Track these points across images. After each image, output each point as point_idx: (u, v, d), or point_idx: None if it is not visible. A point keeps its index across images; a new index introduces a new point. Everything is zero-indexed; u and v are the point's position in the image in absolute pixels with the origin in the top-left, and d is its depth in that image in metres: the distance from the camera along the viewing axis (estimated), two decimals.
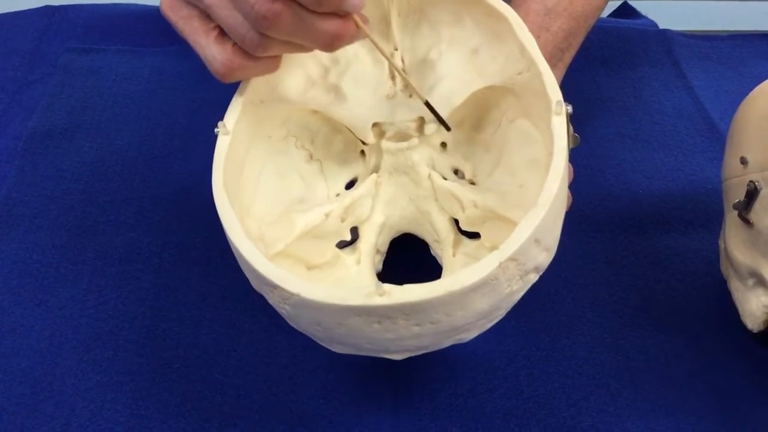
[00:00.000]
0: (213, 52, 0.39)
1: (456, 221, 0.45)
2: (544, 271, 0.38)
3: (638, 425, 0.43)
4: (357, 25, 0.38)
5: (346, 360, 0.45)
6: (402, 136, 0.44)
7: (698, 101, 0.66)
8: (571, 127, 0.40)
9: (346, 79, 0.45)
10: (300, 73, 0.44)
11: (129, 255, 0.51)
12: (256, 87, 0.42)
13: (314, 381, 0.44)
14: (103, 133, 0.60)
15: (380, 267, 0.45)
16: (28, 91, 0.64)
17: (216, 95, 0.59)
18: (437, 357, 0.45)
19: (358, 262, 0.44)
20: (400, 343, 0.35)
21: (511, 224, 0.40)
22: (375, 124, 0.44)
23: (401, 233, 0.46)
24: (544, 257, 0.37)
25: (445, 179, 0.45)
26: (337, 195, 0.46)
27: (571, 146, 0.39)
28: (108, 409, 0.43)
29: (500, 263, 0.34)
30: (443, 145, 0.47)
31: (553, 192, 0.36)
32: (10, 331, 0.46)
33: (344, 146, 0.47)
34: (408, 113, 0.45)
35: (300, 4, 0.36)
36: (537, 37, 0.45)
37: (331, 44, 0.38)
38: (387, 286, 0.33)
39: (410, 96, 0.46)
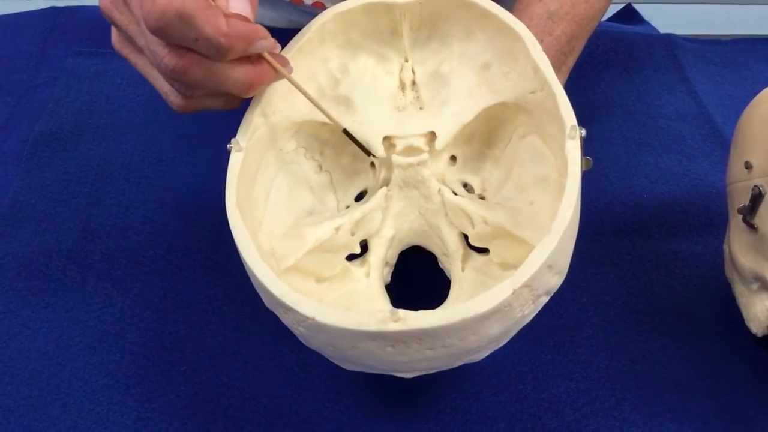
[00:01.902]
0: (165, 87, 0.39)
1: (465, 236, 0.45)
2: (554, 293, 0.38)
3: (643, 429, 0.43)
4: (273, 66, 0.38)
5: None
6: (412, 151, 0.44)
7: (702, 105, 0.66)
8: (582, 150, 0.40)
9: (357, 90, 0.45)
10: (311, 85, 0.44)
11: (135, 258, 0.51)
12: (269, 100, 0.42)
13: (320, 385, 0.45)
14: (110, 136, 0.61)
15: (389, 279, 0.45)
16: (35, 95, 0.65)
17: None
18: None
19: (368, 275, 0.44)
20: (412, 365, 0.35)
21: (521, 242, 0.41)
22: (385, 138, 0.44)
23: (410, 245, 0.46)
24: (556, 281, 0.37)
25: (455, 194, 0.45)
26: (347, 207, 0.46)
27: (583, 169, 0.39)
28: (115, 412, 0.43)
29: (514, 290, 0.34)
30: (453, 159, 0.47)
31: (567, 218, 0.36)
32: (17, 334, 0.47)
33: (354, 158, 0.47)
34: (418, 127, 0.44)
35: (206, 57, 0.36)
36: (540, 42, 0.46)
37: (247, 90, 0.38)
38: (402, 312, 0.33)
39: (421, 108, 0.46)
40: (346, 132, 0.43)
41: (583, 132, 0.39)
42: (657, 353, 0.47)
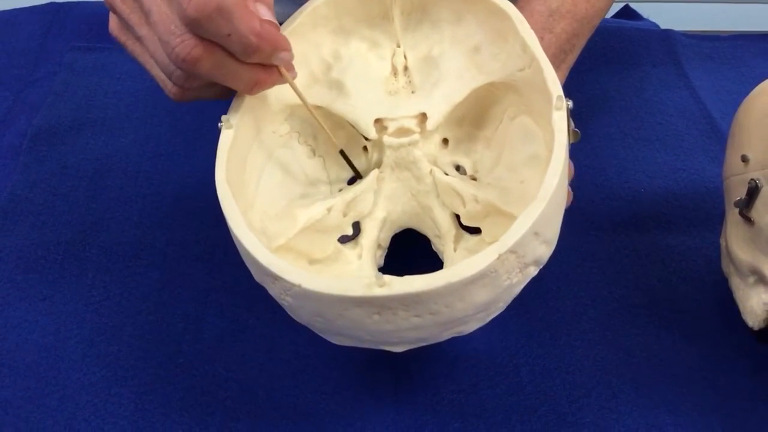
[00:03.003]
0: (162, 75, 0.39)
1: (457, 217, 0.45)
2: (543, 264, 0.38)
3: (639, 422, 0.43)
4: (280, 72, 0.39)
5: (349, 355, 0.45)
6: (404, 132, 0.45)
7: (700, 100, 0.66)
8: (571, 123, 0.40)
9: (349, 74, 0.45)
10: (303, 70, 0.44)
11: (133, 251, 0.51)
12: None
13: (317, 376, 0.45)
14: (108, 130, 0.61)
15: (382, 262, 0.46)
16: (33, 89, 0.65)
17: None
18: (438, 353, 0.46)
19: (360, 256, 0.44)
20: (399, 335, 0.35)
21: (512, 219, 0.40)
22: (377, 120, 0.45)
23: (403, 228, 0.47)
24: (543, 250, 0.37)
25: (447, 175, 0.45)
26: (340, 190, 0.47)
27: (571, 141, 0.39)
28: (112, 404, 0.43)
29: (499, 255, 0.34)
30: (445, 141, 0.47)
31: (553, 186, 0.36)
32: (15, 326, 0.47)
33: (346, 142, 0.47)
34: (410, 109, 0.45)
35: (225, 51, 0.36)
36: (540, 39, 0.46)
37: (251, 90, 0.39)
38: (387, 277, 0.33)
39: (412, 92, 0.46)
40: (342, 153, 0.44)
41: (570, 103, 0.39)
42: (653, 346, 0.47)
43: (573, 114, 0.40)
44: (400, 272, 0.43)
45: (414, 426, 0.43)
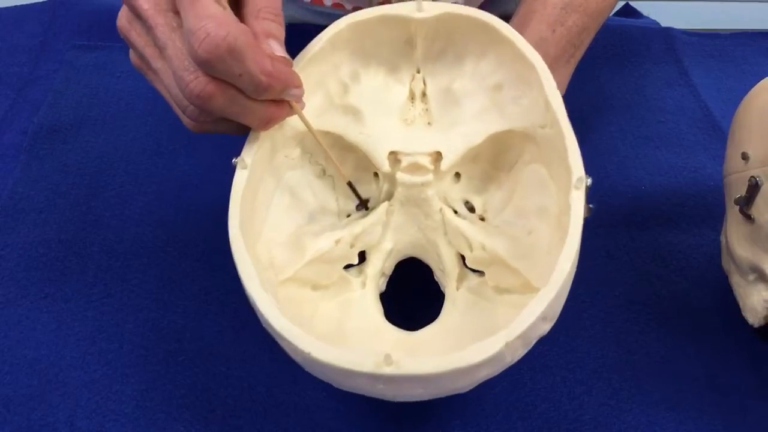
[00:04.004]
0: (177, 108, 0.40)
1: (462, 256, 0.44)
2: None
3: (640, 419, 0.43)
4: (291, 106, 0.39)
5: None
6: (417, 168, 0.44)
7: (700, 99, 0.66)
8: (587, 199, 0.39)
9: (365, 99, 0.45)
10: (320, 93, 0.44)
11: (134, 249, 0.51)
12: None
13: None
14: (109, 128, 0.61)
15: (384, 287, 0.45)
16: (34, 87, 0.65)
17: None
18: None
19: (364, 285, 0.44)
20: (402, 397, 0.36)
21: (517, 274, 0.41)
22: (391, 152, 0.44)
23: (408, 257, 0.46)
24: (547, 327, 0.37)
25: (456, 212, 0.45)
26: (348, 216, 0.46)
27: (585, 217, 0.38)
28: (113, 401, 0.43)
29: (507, 343, 0.34)
30: (457, 175, 0.46)
31: (566, 272, 0.36)
32: (16, 324, 0.47)
33: (356, 165, 0.46)
34: (425, 145, 0.44)
35: (238, 89, 0.36)
36: (552, 31, 0.45)
37: (264, 126, 0.40)
38: (395, 356, 0.33)
39: (429, 124, 0.45)
40: (349, 184, 0.44)
41: (589, 181, 0.38)
42: (654, 344, 0.47)
43: (574, 115, 0.40)
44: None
45: (414, 424, 0.43)
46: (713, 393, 0.45)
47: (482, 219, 0.45)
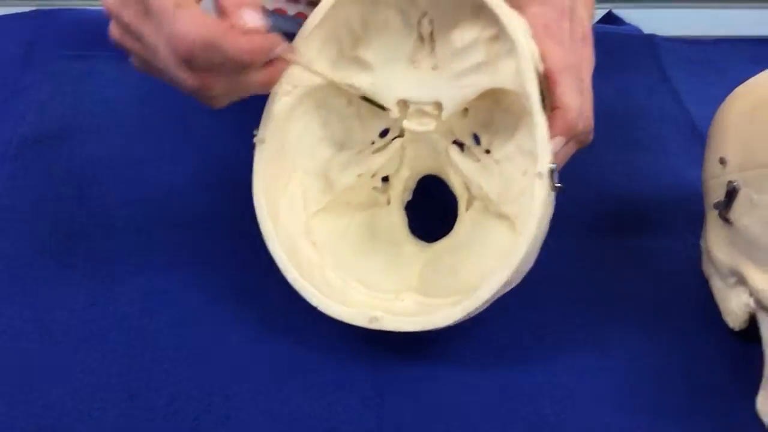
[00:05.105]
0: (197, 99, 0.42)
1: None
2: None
3: (623, 423, 0.43)
4: (287, 60, 0.42)
5: (333, 364, 0.46)
6: (422, 114, 0.48)
7: (682, 105, 0.67)
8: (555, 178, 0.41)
9: (374, 46, 0.48)
10: (333, 48, 0.47)
11: (119, 257, 0.51)
12: (290, 79, 0.45)
13: (302, 382, 0.45)
14: (94, 138, 0.61)
15: (409, 196, 0.52)
16: (19, 97, 0.65)
17: None
18: (420, 356, 0.46)
19: (389, 202, 0.52)
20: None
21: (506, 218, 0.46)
22: (399, 100, 0.48)
23: (427, 173, 0.52)
24: (514, 284, 0.43)
25: (463, 146, 0.49)
26: (372, 143, 0.51)
27: (555, 193, 0.42)
28: (97, 410, 0.43)
29: (468, 314, 0.42)
30: (465, 110, 0.48)
31: (521, 254, 0.41)
32: (0, 333, 0.47)
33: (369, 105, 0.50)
34: (428, 94, 0.47)
35: (228, 73, 0.39)
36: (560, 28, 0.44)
37: (267, 87, 0.43)
38: (379, 315, 0.43)
39: (434, 68, 0.47)
40: (364, 97, 0.48)
41: (553, 167, 0.41)
42: (636, 347, 0.47)
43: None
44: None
45: (395, 429, 0.43)
46: (695, 395, 0.45)
47: (488, 152, 0.48)
